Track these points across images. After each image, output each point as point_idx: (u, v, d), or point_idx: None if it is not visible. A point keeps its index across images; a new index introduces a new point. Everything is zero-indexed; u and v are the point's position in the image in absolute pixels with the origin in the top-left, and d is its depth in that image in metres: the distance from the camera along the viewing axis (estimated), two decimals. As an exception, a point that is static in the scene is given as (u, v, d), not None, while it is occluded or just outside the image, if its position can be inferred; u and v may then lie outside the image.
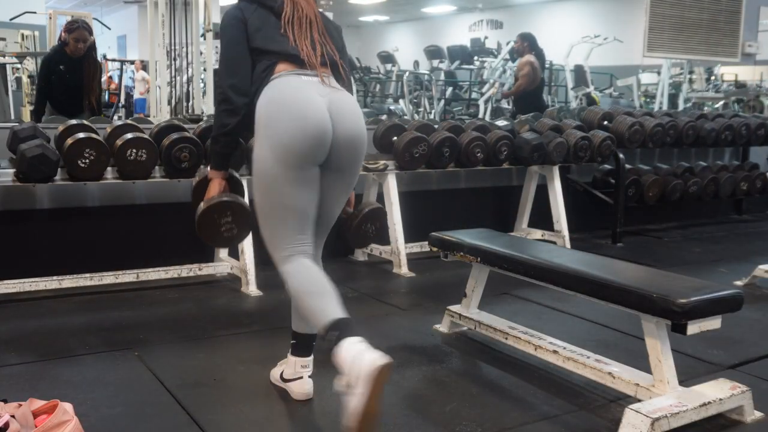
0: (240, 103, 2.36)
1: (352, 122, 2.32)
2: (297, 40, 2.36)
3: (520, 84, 7.15)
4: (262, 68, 2.35)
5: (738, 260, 5.02)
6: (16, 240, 4.00)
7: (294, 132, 2.20)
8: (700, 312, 2.37)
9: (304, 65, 2.34)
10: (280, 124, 2.22)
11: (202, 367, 2.90)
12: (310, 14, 2.43)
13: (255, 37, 2.37)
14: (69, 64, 5.26)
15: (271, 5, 2.41)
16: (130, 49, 21.71)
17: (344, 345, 2.03)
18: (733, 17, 7.59)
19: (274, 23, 2.38)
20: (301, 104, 2.23)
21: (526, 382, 2.81)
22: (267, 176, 2.26)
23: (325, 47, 2.41)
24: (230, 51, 2.41)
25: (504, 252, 3.02)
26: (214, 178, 2.49)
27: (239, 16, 2.40)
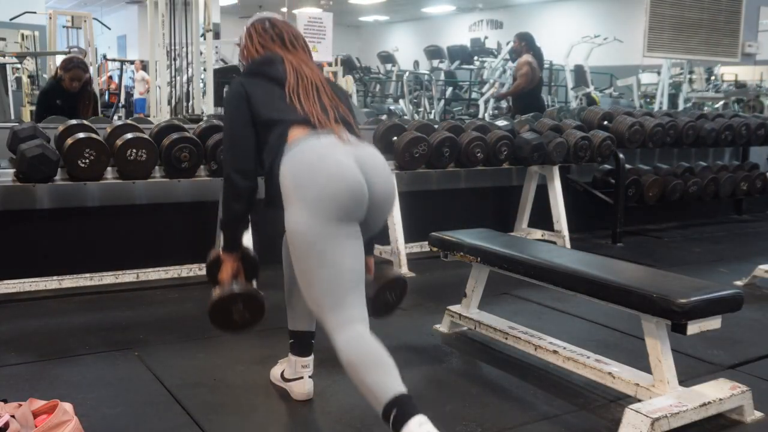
0: (245, 187, 2.29)
1: (384, 178, 2.20)
2: (305, 107, 2.25)
3: (519, 84, 7.13)
4: (276, 137, 2.22)
5: (738, 260, 5.02)
6: (16, 240, 4.00)
7: (333, 188, 2.05)
8: (700, 312, 2.37)
9: (317, 127, 2.21)
10: (315, 184, 2.07)
11: (202, 367, 2.90)
12: (316, 81, 2.34)
13: (261, 111, 2.27)
14: (65, 98, 5.29)
15: (274, 76, 2.31)
16: (130, 49, 21.70)
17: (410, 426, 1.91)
18: (733, 17, 7.59)
19: (280, 94, 2.28)
20: (332, 164, 2.09)
21: (526, 382, 2.81)
22: (308, 237, 2.07)
23: (336, 111, 2.30)
24: (233, 132, 2.32)
25: (504, 252, 3.02)
26: (227, 260, 2.39)
27: (242, 92, 2.30)
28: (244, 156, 2.29)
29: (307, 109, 2.25)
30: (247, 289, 2.35)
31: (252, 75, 2.36)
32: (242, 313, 2.32)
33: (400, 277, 2.55)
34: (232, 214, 2.34)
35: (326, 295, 2.10)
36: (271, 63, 2.35)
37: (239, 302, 2.31)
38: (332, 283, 2.09)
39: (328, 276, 2.09)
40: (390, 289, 2.51)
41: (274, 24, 2.46)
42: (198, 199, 4.44)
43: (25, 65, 10.55)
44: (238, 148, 2.30)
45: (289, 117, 2.24)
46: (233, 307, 2.30)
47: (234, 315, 2.31)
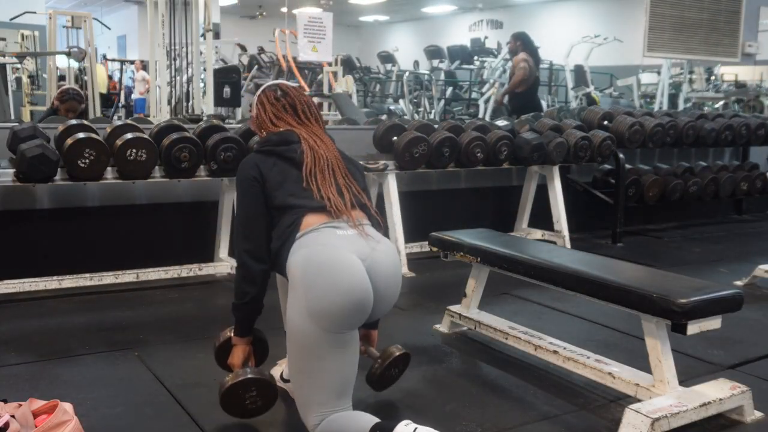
0: (258, 270, 2.25)
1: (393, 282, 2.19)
2: (321, 189, 2.21)
3: (516, 79, 7.10)
4: (287, 223, 2.20)
5: (738, 260, 5.02)
6: (16, 240, 4.00)
7: (336, 301, 2.04)
8: (700, 312, 2.37)
9: (333, 215, 2.19)
10: (321, 290, 2.05)
11: (202, 367, 2.90)
12: (332, 159, 2.30)
13: (276, 195, 2.23)
14: None
15: (290, 157, 2.27)
16: (130, 49, 21.71)
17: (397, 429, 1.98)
18: (733, 17, 7.59)
19: (296, 177, 2.24)
20: (342, 271, 2.06)
21: (526, 382, 2.81)
22: (304, 339, 2.09)
23: (351, 190, 2.28)
24: (246, 215, 2.28)
25: (504, 252, 3.02)
26: (238, 344, 2.37)
27: (256, 176, 2.25)
28: (256, 239, 2.26)
29: (324, 193, 2.21)
30: (260, 375, 2.31)
31: (267, 154, 2.31)
32: (255, 399, 2.30)
33: (404, 354, 2.58)
34: (245, 297, 2.29)
35: (312, 395, 2.12)
36: (287, 143, 2.30)
37: (252, 388, 2.29)
38: (320, 387, 2.11)
39: (317, 382, 2.11)
40: (394, 366, 2.56)
41: (286, 93, 2.41)
42: (198, 199, 4.44)
43: (25, 65, 10.55)
44: (251, 232, 2.26)
45: (304, 204, 2.21)
46: (246, 394, 2.28)
47: (246, 401, 2.29)
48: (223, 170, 3.95)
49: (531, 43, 7.26)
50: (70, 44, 9.86)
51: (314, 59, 8.26)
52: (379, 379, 2.53)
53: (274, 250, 2.24)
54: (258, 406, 2.33)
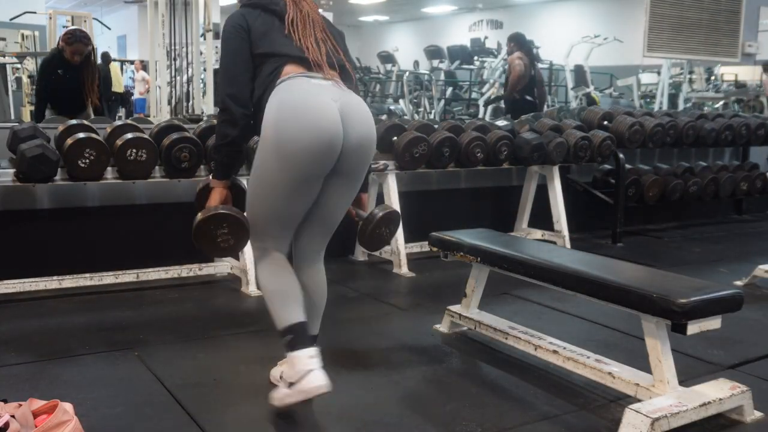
0: (240, 113, 2.35)
1: (363, 127, 2.32)
2: (302, 39, 2.36)
3: (514, 76, 7.07)
4: (269, 71, 2.34)
5: (738, 260, 5.01)
6: (16, 240, 4.00)
7: (305, 142, 2.19)
8: (700, 312, 2.37)
9: (311, 67, 2.33)
10: (291, 130, 2.21)
11: (202, 367, 2.90)
12: (313, 15, 2.44)
13: (260, 44, 2.36)
14: (67, 68, 5.28)
15: (273, 9, 2.41)
16: (130, 49, 21.72)
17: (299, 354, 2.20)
18: (733, 17, 7.59)
19: (279, 26, 2.38)
20: (313, 111, 2.22)
21: (526, 382, 2.81)
22: (267, 179, 2.28)
23: (328, 45, 2.42)
24: (231, 61, 2.40)
25: (504, 252, 3.02)
26: (216, 186, 2.47)
27: (242, 24, 2.39)
28: (240, 84, 2.36)
29: (303, 43, 2.36)
30: (232, 210, 2.39)
31: (253, 6, 2.43)
32: (226, 237, 2.37)
33: (393, 211, 2.64)
34: (226, 139, 2.40)
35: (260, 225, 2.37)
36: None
37: (224, 223, 2.34)
38: (270, 220, 2.36)
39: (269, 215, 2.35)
40: (385, 224, 2.60)
41: None
42: (198, 199, 4.44)
43: (25, 65, 10.56)
44: (235, 77, 2.37)
45: (285, 51, 2.34)
46: (218, 229, 2.33)
47: (218, 238, 2.35)
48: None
49: (525, 43, 7.25)
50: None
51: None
52: (368, 239, 2.56)
53: (257, 98, 2.36)
54: (230, 245, 2.40)
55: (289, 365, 2.29)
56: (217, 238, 2.35)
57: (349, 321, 3.54)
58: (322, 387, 2.24)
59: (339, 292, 3.98)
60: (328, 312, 2.69)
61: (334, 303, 2.78)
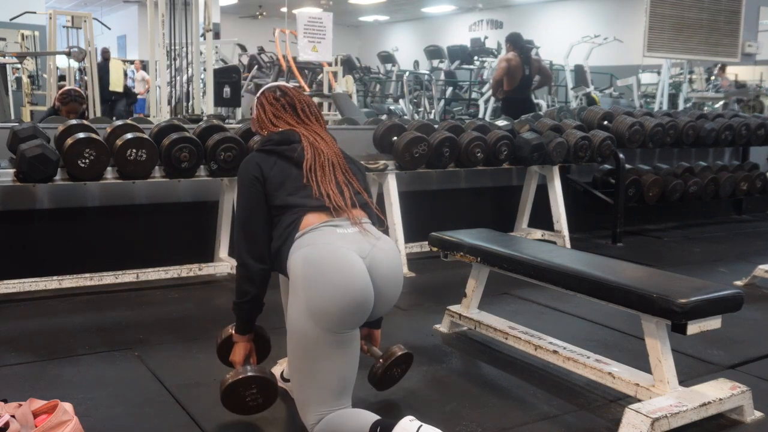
0: (257, 270, 2.26)
1: (391, 281, 2.19)
2: (321, 186, 2.22)
3: (494, 78, 7.37)
4: (288, 222, 2.21)
5: (738, 260, 5.02)
6: (16, 240, 4.00)
7: (336, 300, 2.05)
8: (700, 312, 2.37)
9: (333, 214, 2.20)
10: (321, 289, 2.06)
11: (202, 367, 2.90)
12: (332, 157, 2.31)
13: (277, 195, 2.24)
14: None
15: (290, 155, 2.28)
16: (130, 49, 21.71)
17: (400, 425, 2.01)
18: (733, 17, 7.59)
19: (296, 175, 2.25)
20: (341, 270, 2.07)
21: (526, 382, 2.81)
22: (304, 339, 2.10)
23: (350, 188, 2.29)
24: (246, 214, 2.29)
25: (504, 252, 3.02)
26: (239, 341, 2.38)
27: (257, 175, 2.26)
28: (257, 239, 2.27)
29: (324, 190, 2.22)
30: (261, 373, 2.33)
31: (268, 153, 2.31)
32: (255, 396, 2.31)
33: (407, 353, 2.58)
34: (246, 296, 2.30)
35: (312, 395, 2.14)
36: (288, 142, 2.31)
37: (253, 386, 2.30)
38: (320, 387, 2.13)
39: (317, 382, 2.12)
40: (397, 366, 2.56)
41: (285, 92, 2.42)
42: (198, 199, 4.44)
43: (25, 65, 10.57)
44: (251, 231, 2.27)
45: (305, 203, 2.21)
46: (247, 391, 2.29)
47: (247, 398, 2.31)
48: (223, 170, 3.95)
49: (519, 43, 7.25)
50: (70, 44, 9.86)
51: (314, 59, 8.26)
52: (380, 379, 2.54)
53: (275, 249, 2.24)
54: (259, 404, 2.34)
55: None
56: (246, 398, 2.30)
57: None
58: None
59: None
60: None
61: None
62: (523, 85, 7.17)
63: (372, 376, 2.52)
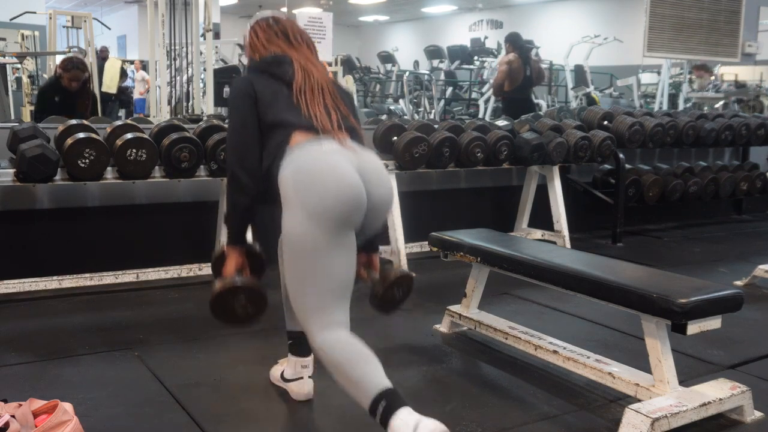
0: (249, 183, 2.30)
1: (382, 187, 2.24)
2: (309, 107, 2.29)
3: (496, 80, 7.36)
4: (277, 141, 2.26)
5: (738, 260, 5.02)
6: (16, 240, 4.00)
7: (332, 197, 2.10)
8: (700, 312, 2.37)
9: (320, 134, 2.25)
10: (315, 190, 2.12)
11: (202, 367, 2.90)
12: (322, 81, 2.37)
13: (267, 112, 2.30)
14: (63, 96, 5.35)
15: (281, 76, 2.34)
16: (130, 49, 21.71)
17: (399, 416, 1.98)
18: (733, 17, 7.58)
19: (287, 94, 2.31)
20: (332, 171, 2.14)
21: (526, 382, 2.81)
22: (304, 242, 2.13)
23: (338, 112, 2.34)
24: (238, 129, 2.34)
25: (504, 252, 3.02)
26: (231, 253, 2.39)
27: (249, 92, 2.31)
28: (248, 154, 2.31)
29: (312, 111, 2.28)
30: (249, 282, 2.36)
31: (260, 73, 2.38)
32: (244, 306, 2.32)
33: (406, 274, 2.57)
34: (237, 207, 2.35)
35: (313, 300, 2.17)
36: (279, 63, 2.36)
37: (241, 295, 2.31)
38: (321, 289, 2.16)
39: (319, 283, 2.15)
40: (397, 286, 2.54)
41: (277, 20, 2.47)
42: (198, 199, 4.44)
43: (25, 65, 10.55)
44: (243, 147, 2.32)
45: (293, 120, 2.27)
46: (235, 300, 2.30)
47: (236, 308, 2.32)
48: (223, 170, 3.95)
49: (518, 43, 7.25)
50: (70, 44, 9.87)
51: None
52: (381, 300, 2.50)
53: (265, 167, 2.29)
54: (248, 314, 2.35)
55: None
56: (235, 309, 2.32)
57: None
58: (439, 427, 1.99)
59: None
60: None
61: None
62: (524, 85, 7.18)
63: (373, 298, 2.50)
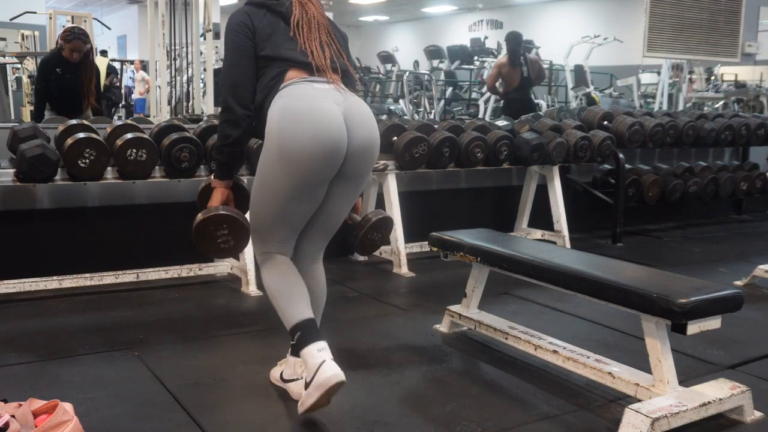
0: (242, 115, 2.33)
1: (367, 131, 2.29)
2: (306, 42, 2.32)
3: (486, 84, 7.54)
4: (271, 76, 2.30)
5: (738, 260, 5.02)
6: (16, 240, 4.00)
7: (309, 147, 2.16)
8: (700, 312, 2.37)
9: (314, 72, 2.30)
10: (295, 136, 2.17)
11: (202, 367, 2.90)
12: (319, 17, 2.41)
13: (264, 46, 2.33)
14: (66, 68, 5.27)
15: (279, 10, 2.37)
16: (130, 49, 21.72)
17: (309, 349, 2.17)
18: (733, 17, 7.59)
19: (284, 28, 2.35)
20: (317, 116, 2.19)
21: (526, 382, 2.81)
22: (271, 184, 2.25)
23: (332, 48, 2.38)
24: (234, 60, 2.36)
25: (504, 252, 3.02)
26: (217, 187, 2.45)
27: (247, 22, 2.35)
28: (243, 85, 2.34)
29: (308, 46, 2.33)
30: (232, 211, 2.39)
31: (258, 5, 2.40)
32: (227, 237, 2.36)
33: (385, 216, 2.63)
34: (228, 140, 2.37)
35: (264, 229, 2.35)
36: None
37: (224, 225, 2.33)
38: (273, 224, 2.33)
39: (272, 219, 2.32)
40: (376, 230, 2.61)
41: None
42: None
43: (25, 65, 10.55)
44: (238, 77, 2.34)
45: (289, 56, 2.31)
46: (218, 230, 2.33)
47: (218, 237, 2.34)
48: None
49: (510, 45, 7.24)
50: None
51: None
52: (360, 243, 2.58)
53: (258, 102, 2.33)
54: (230, 246, 2.40)
55: (303, 364, 2.27)
56: (217, 238, 2.34)
57: (349, 321, 3.54)
58: (336, 375, 2.18)
59: (339, 292, 3.99)
60: (329, 312, 2.70)
61: (334, 303, 2.79)
62: (523, 85, 7.18)
63: (353, 241, 2.59)
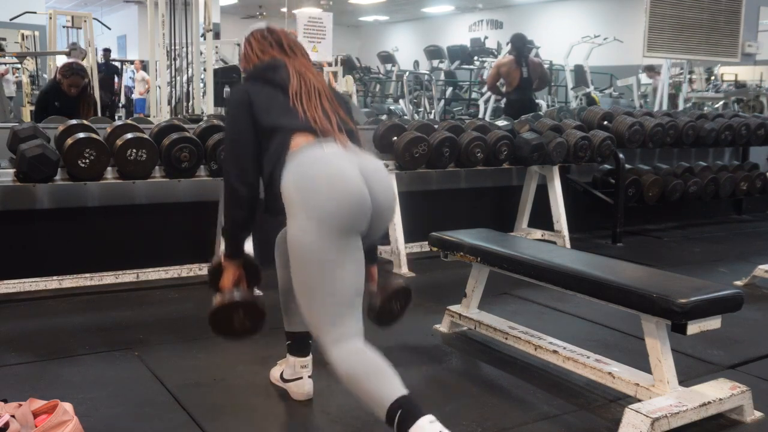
0: (247, 194, 2.27)
1: (384, 190, 2.18)
2: (307, 111, 2.24)
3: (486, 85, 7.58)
4: (276, 146, 2.22)
5: (738, 260, 5.02)
6: (16, 240, 4.00)
7: (337, 200, 2.04)
8: (700, 312, 2.37)
9: (319, 135, 2.21)
10: (320, 195, 2.05)
11: (202, 367, 2.90)
12: (318, 86, 2.33)
13: (264, 117, 2.26)
14: (63, 101, 5.33)
15: (277, 81, 2.31)
16: (130, 49, 21.71)
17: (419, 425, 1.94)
18: (733, 17, 7.58)
19: (283, 100, 2.27)
20: (335, 174, 2.08)
21: (526, 382, 2.81)
22: (311, 251, 2.06)
23: (337, 116, 2.29)
24: (235, 140, 2.30)
25: (504, 252, 3.02)
26: (228, 266, 2.38)
27: (245, 99, 2.29)
28: (245, 164, 2.27)
29: (310, 114, 2.23)
30: (248, 297, 2.34)
31: (255, 80, 2.35)
32: (243, 320, 2.31)
33: (404, 287, 2.53)
34: (234, 221, 2.32)
35: (325, 309, 2.09)
36: (274, 68, 2.33)
37: (240, 310, 2.30)
38: (332, 298, 2.08)
39: (328, 290, 2.08)
40: (395, 299, 2.51)
41: (272, 31, 2.45)
42: (198, 199, 4.44)
43: (25, 65, 10.55)
44: (240, 157, 2.28)
45: (292, 124, 2.22)
46: (234, 315, 2.29)
47: (235, 322, 2.30)
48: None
49: (516, 45, 7.26)
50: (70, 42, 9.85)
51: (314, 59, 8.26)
52: (379, 313, 2.47)
53: (267, 175, 2.25)
54: (247, 327, 2.35)
55: None
56: (234, 322, 2.31)
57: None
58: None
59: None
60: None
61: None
62: (522, 86, 7.17)
63: (370, 310, 2.44)
